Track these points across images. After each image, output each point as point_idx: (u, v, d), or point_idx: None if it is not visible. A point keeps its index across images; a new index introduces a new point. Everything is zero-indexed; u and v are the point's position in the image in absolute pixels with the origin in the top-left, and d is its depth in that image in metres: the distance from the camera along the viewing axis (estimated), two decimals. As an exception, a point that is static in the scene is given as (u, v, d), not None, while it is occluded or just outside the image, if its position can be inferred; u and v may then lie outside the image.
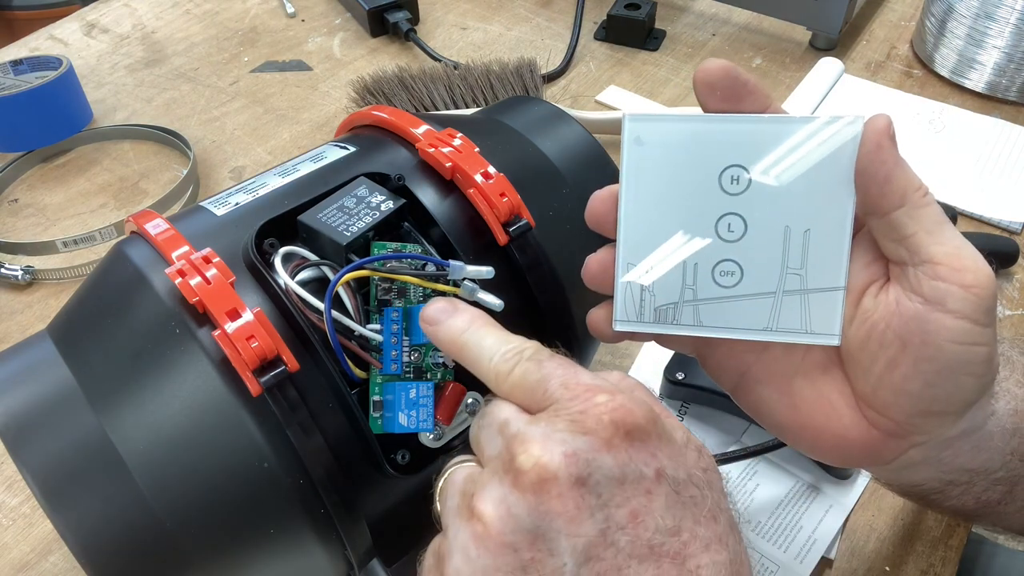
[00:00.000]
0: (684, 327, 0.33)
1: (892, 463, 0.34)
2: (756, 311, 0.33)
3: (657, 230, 0.33)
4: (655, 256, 0.33)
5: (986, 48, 0.76)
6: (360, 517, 0.36)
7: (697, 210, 0.32)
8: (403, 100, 0.76)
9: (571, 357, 0.30)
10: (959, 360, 0.30)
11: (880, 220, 0.30)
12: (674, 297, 0.33)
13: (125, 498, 0.33)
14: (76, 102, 0.75)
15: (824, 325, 0.32)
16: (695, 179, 0.32)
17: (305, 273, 0.37)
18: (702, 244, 0.32)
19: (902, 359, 0.30)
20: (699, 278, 0.33)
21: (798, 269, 0.32)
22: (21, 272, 0.63)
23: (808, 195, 0.31)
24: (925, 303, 0.29)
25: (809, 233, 0.32)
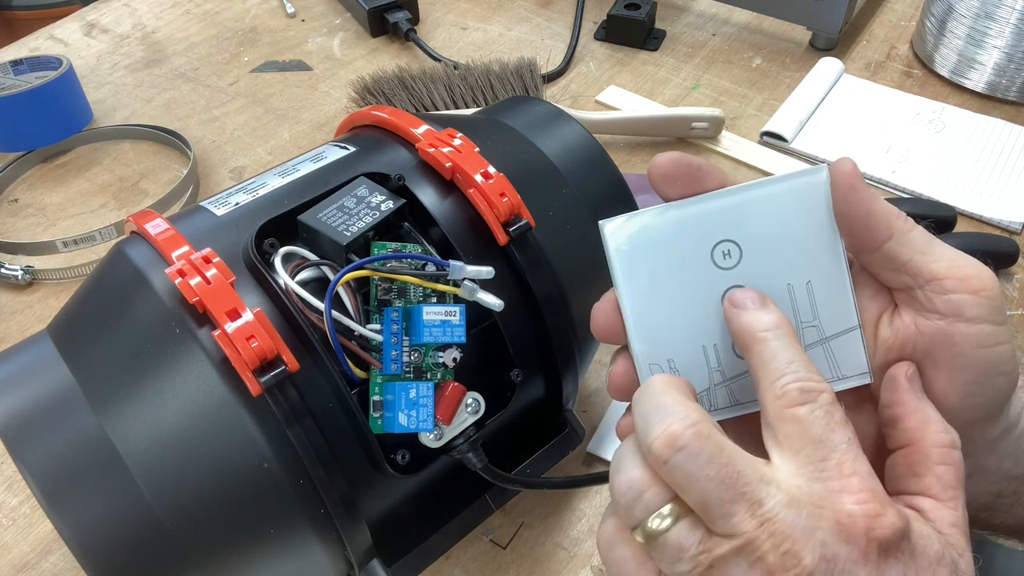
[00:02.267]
0: (723, 411, 0.33)
1: None
2: None
3: (667, 325, 0.33)
4: (674, 349, 0.33)
5: (986, 48, 0.76)
6: (360, 517, 0.36)
7: (699, 293, 0.33)
8: (403, 100, 0.76)
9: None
10: (989, 363, 0.30)
11: (874, 255, 0.31)
12: (705, 383, 0.33)
13: (125, 498, 0.33)
14: (76, 102, 0.75)
15: (852, 367, 0.32)
16: (689, 264, 0.33)
17: (305, 273, 0.37)
18: (715, 324, 0.33)
19: (936, 376, 0.31)
20: (723, 357, 0.33)
21: (812, 321, 0.32)
22: (21, 272, 0.63)
23: (798, 249, 0.32)
24: (943, 318, 0.30)
25: (811, 284, 0.32)
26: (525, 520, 0.50)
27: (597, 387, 0.56)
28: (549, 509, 0.50)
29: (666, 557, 0.28)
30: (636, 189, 0.47)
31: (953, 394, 0.31)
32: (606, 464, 0.52)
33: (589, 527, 0.50)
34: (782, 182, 0.32)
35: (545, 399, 0.43)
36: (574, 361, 0.42)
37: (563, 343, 0.41)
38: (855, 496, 0.27)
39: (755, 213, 0.32)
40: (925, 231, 0.31)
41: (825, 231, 0.32)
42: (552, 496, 0.51)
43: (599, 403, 0.55)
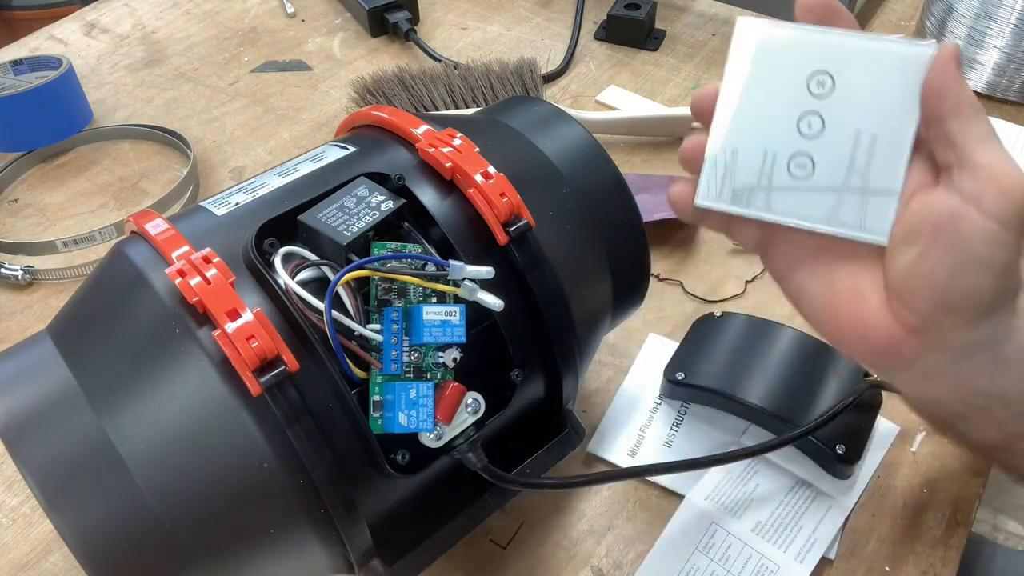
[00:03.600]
0: (755, 209, 0.37)
1: (912, 367, 0.37)
2: (820, 203, 0.37)
3: (748, 120, 0.37)
4: (741, 142, 0.37)
5: (986, 48, 0.76)
6: (360, 517, 0.36)
7: (784, 106, 0.37)
8: (403, 100, 0.76)
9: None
10: (982, 257, 0.33)
11: (936, 127, 0.34)
12: (752, 181, 0.37)
13: (125, 498, 0.33)
14: (76, 102, 0.75)
15: (877, 225, 0.36)
16: (787, 79, 0.37)
17: (305, 273, 0.37)
18: (784, 137, 0.37)
19: (933, 249, 0.34)
20: (776, 167, 0.37)
21: (862, 170, 0.36)
22: (21, 272, 0.63)
23: (881, 106, 0.35)
24: (962, 200, 0.33)
25: (876, 139, 0.36)
26: (525, 520, 0.50)
27: (597, 387, 0.56)
28: (549, 509, 0.50)
29: None
30: (636, 189, 0.47)
31: (941, 271, 0.34)
32: (606, 464, 0.52)
33: (589, 527, 0.50)
34: (896, 44, 0.35)
35: (545, 399, 0.43)
36: (574, 361, 0.42)
37: (563, 343, 0.41)
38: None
39: (862, 59, 0.36)
40: (991, 127, 0.34)
41: (909, 99, 0.35)
42: (552, 496, 0.51)
43: (599, 403, 0.55)
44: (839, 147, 0.36)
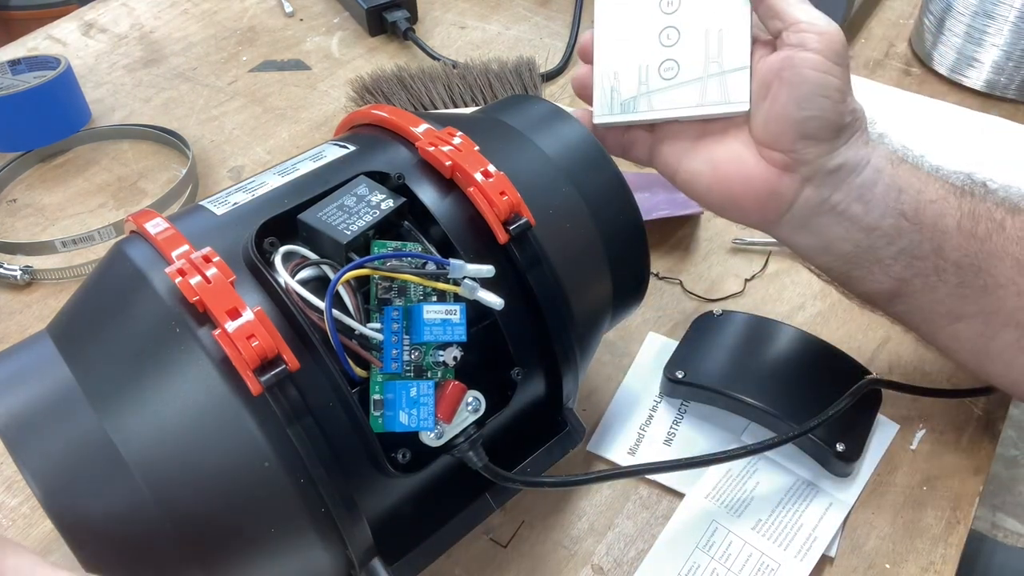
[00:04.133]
0: (642, 114, 0.47)
1: (796, 206, 0.45)
2: (691, 93, 0.46)
3: (619, 47, 0.47)
4: (619, 64, 0.47)
5: (985, 46, 0.76)
6: (361, 516, 0.36)
7: (645, 28, 0.47)
8: (402, 99, 0.76)
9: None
10: (816, 83, 0.42)
11: (762, 5, 0.44)
12: (634, 91, 0.47)
13: (126, 497, 0.33)
14: (74, 102, 0.75)
15: (738, 96, 0.45)
16: (642, 8, 0.47)
17: (305, 272, 0.37)
18: (650, 51, 0.47)
19: (780, 91, 0.43)
20: (649, 76, 0.47)
21: (716, 58, 0.46)
22: (20, 272, 0.63)
23: (719, 5, 0.46)
24: (792, 48, 0.43)
25: (722, 31, 0.46)
26: (525, 519, 0.50)
27: (597, 386, 0.56)
28: (549, 508, 0.50)
29: None
30: (636, 187, 0.47)
31: (789, 105, 0.43)
32: (606, 463, 0.52)
33: (589, 525, 0.50)
34: None
35: (545, 398, 0.43)
36: (574, 360, 0.42)
37: (563, 341, 0.41)
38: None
39: None
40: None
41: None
42: (552, 495, 0.51)
43: (599, 402, 0.55)
44: (695, 46, 0.46)
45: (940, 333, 0.47)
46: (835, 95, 0.43)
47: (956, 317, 0.45)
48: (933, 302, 0.45)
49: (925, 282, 0.45)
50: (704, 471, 0.51)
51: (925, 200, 0.44)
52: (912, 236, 0.44)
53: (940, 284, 0.44)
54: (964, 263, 0.44)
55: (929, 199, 0.44)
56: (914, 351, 0.57)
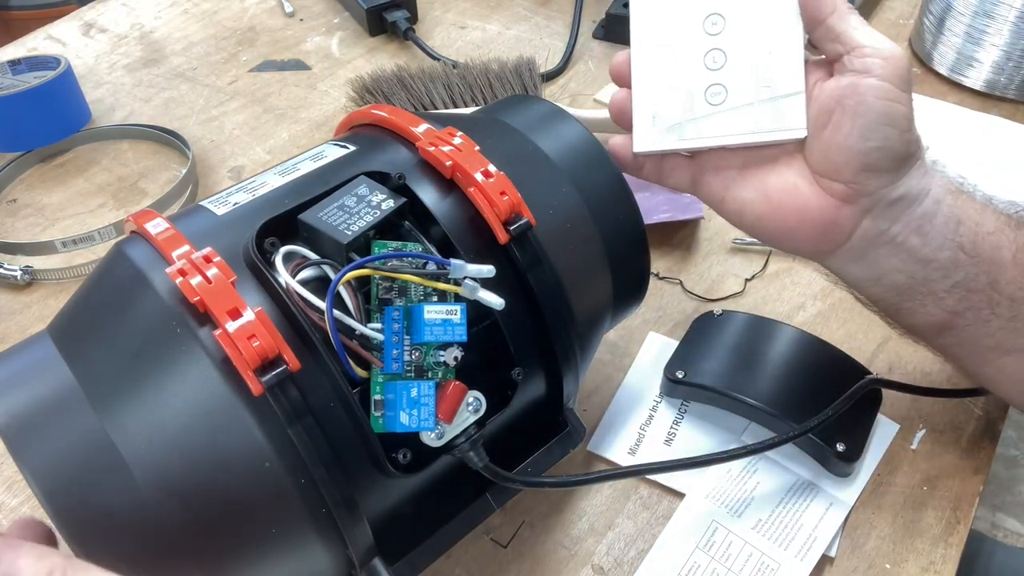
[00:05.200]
0: (688, 141, 0.44)
1: (853, 238, 0.43)
2: (741, 119, 0.43)
3: (660, 70, 0.44)
4: (661, 89, 0.44)
5: (984, 46, 0.76)
6: (361, 516, 0.36)
7: (688, 50, 0.44)
8: (402, 99, 0.76)
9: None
10: (882, 112, 0.40)
11: (820, 28, 0.42)
12: (678, 118, 0.44)
13: (126, 498, 0.33)
14: (74, 102, 0.75)
15: (793, 122, 0.42)
16: (685, 28, 0.44)
17: (306, 272, 0.37)
18: (695, 75, 0.44)
19: (843, 120, 0.41)
20: (695, 101, 0.44)
21: (768, 82, 0.43)
22: (20, 272, 0.63)
23: (768, 25, 0.43)
24: (856, 74, 0.40)
25: (772, 54, 0.43)
26: (526, 519, 0.50)
27: (597, 386, 0.56)
28: (550, 508, 0.50)
29: None
30: (636, 187, 0.47)
31: (853, 136, 0.41)
32: (607, 463, 0.52)
33: (590, 526, 0.50)
34: None
35: (546, 398, 0.43)
36: (575, 360, 0.42)
37: (564, 342, 0.41)
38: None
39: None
40: (860, 17, 0.41)
41: (790, 14, 0.42)
42: (553, 495, 0.51)
43: (600, 402, 0.55)
44: (743, 69, 0.43)
45: (986, 367, 0.45)
46: (902, 123, 0.40)
47: (1005, 351, 0.44)
48: (983, 335, 0.44)
49: (977, 315, 0.43)
50: (704, 471, 0.51)
51: (983, 232, 0.42)
52: (968, 269, 0.42)
53: (993, 318, 0.43)
54: (1018, 296, 0.43)
55: (987, 231, 0.43)
56: (914, 351, 0.57)
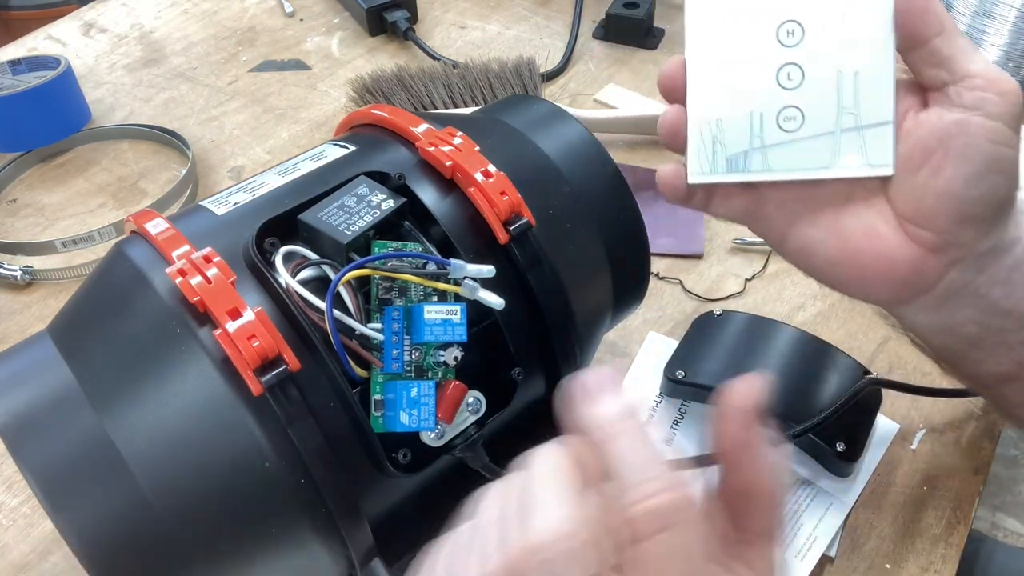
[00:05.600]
0: (755, 173, 0.37)
1: (935, 288, 0.37)
2: (819, 151, 0.36)
3: (724, 86, 0.37)
4: (724, 109, 0.37)
5: (984, 46, 0.76)
6: (361, 516, 0.36)
7: (758, 64, 0.36)
8: (402, 99, 0.76)
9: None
10: (994, 158, 0.34)
11: (921, 49, 0.35)
12: (744, 145, 0.37)
13: (126, 498, 0.33)
14: (74, 102, 0.75)
15: (879, 157, 0.36)
16: (755, 36, 0.36)
17: (306, 272, 0.37)
18: (766, 94, 0.36)
19: (945, 163, 0.34)
20: (765, 125, 0.36)
21: (852, 109, 0.36)
22: (20, 272, 0.63)
23: (855, 41, 0.36)
24: (966, 110, 0.34)
25: (859, 75, 0.36)
26: (526, 519, 0.50)
27: (597, 386, 0.56)
28: (550, 508, 0.50)
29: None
30: (636, 188, 0.47)
31: (956, 182, 0.34)
32: (606, 463, 0.52)
33: (590, 526, 0.50)
34: None
35: (546, 397, 0.43)
36: (575, 359, 0.42)
37: (564, 341, 0.41)
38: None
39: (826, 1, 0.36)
40: (969, 40, 0.35)
41: (883, 29, 0.35)
42: (553, 495, 0.51)
43: (599, 402, 0.55)
44: (824, 91, 0.36)
45: None
46: (1011, 170, 0.35)
47: None
48: None
49: None
50: (704, 471, 0.51)
51: None
52: None
53: None
54: None
55: None
56: (914, 351, 0.57)
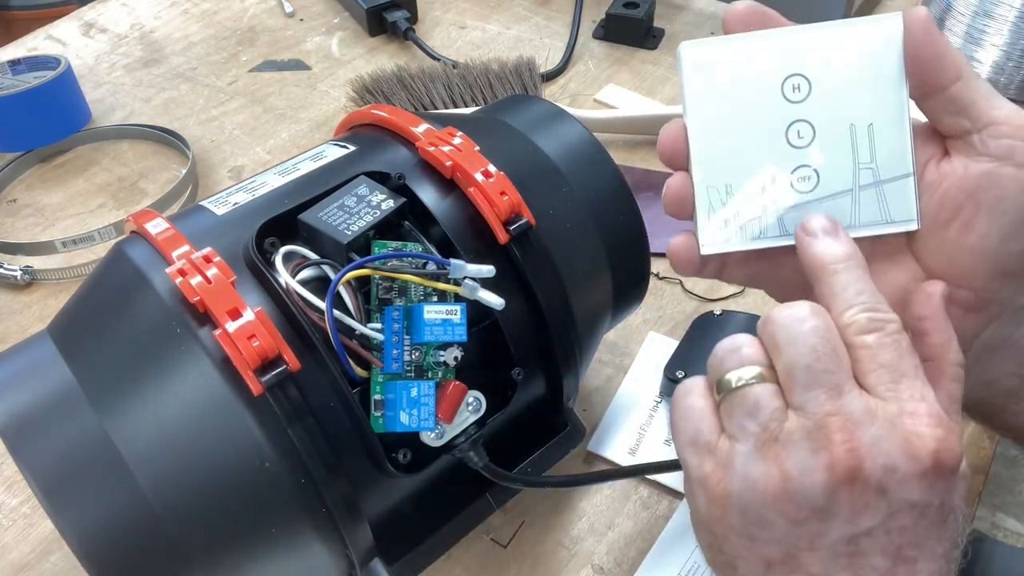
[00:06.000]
0: (771, 239, 0.35)
1: (972, 347, 0.35)
2: (837, 211, 0.34)
3: (730, 150, 0.34)
4: (732, 174, 0.34)
5: (984, 46, 0.76)
6: (361, 516, 0.36)
7: (765, 123, 0.34)
8: (402, 99, 0.76)
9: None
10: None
11: (938, 97, 0.33)
12: (757, 211, 0.34)
13: (126, 498, 0.33)
14: (74, 102, 0.75)
15: (902, 212, 0.34)
16: (759, 94, 0.34)
17: (306, 272, 0.37)
18: (776, 155, 0.34)
19: (977, 219, 0.32)
20: (778, 188, 0.34)
21: (869, 163, 0.34)
22: (20, 272, 0.63)
23: (866, 91, 0.33)
24: (993, 160, 0.32)
25: (872, 127, 0.34)
26: (526, 519, 0.50)
27: (598, 386, 0.56)
28: (550, 508, 0.50)
29: (738, 412, 0.30)
30: (635, 187, 0.47)
31: (991, 238, 0.32)
32: (607, 462, 0.52)
33: (590, 525, 0.50)
34: (859, 24, 0.33)
35: (546, 398, 0.43)
36: (575, 360, 0.42)
37: (564, 341, 0.41)
38: (925, 419, 0.29)
39: (830, 51, 0.33)
40: (988, 84, 0.33)
41: (893, 77, 0.33)
42: (553, 495, 0.51)
43: (600, 402, 0.55)
44: (837, 147, 0.34)
45: None
46: None
47: None
48: None
49: None
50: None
51: None
52: None
53: None
54: None
55: None
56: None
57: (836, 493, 0.28)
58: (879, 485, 0.28)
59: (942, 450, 0.28)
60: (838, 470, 0.28)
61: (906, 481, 0.28)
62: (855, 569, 0.29)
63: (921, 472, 0.28)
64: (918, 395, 0.29)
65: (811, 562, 0.29)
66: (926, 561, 0.29)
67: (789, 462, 0.29)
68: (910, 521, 0.29)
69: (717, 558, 0.32)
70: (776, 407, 0.30)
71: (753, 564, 0.30)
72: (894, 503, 0.29)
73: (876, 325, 0.30)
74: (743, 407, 0.30)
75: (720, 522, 0.30)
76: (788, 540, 0.29)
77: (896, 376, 0.29)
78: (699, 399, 0.32)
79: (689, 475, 0.32)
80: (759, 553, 0.30)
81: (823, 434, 0.28)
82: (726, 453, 0.30)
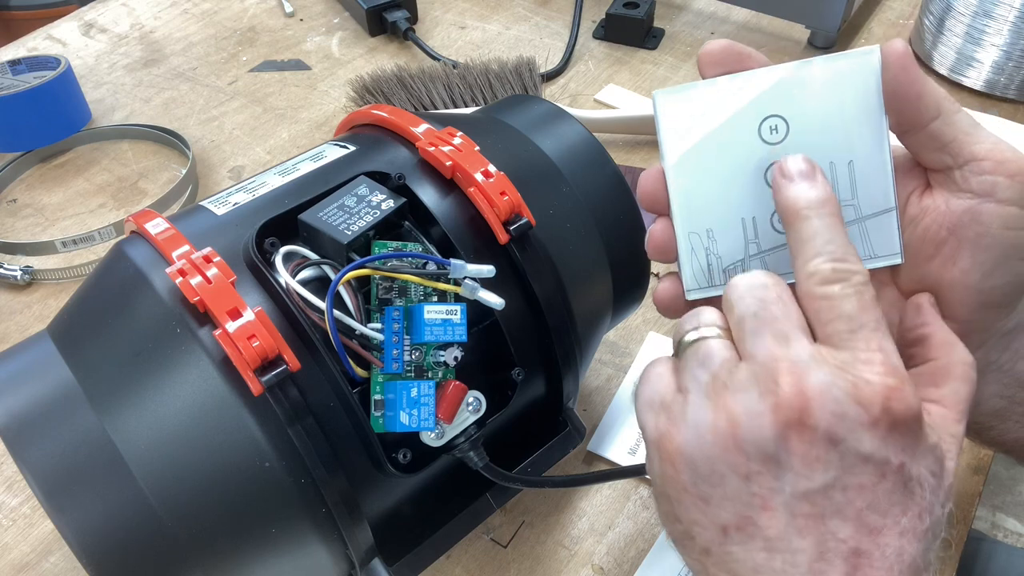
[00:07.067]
0: None
1: None
2: None
3: (709, 195, 0.34)
4: (713, 218, 0.34)
5: (984, 46, 0.76)
6: (361, 516, 0.36)
7: (743, 166, 0.34)
8: (402, 99, 0.76)
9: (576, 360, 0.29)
10: (1012, 245, 0.32)
11: (919, 133, 0.32)
12: (739, 253, 0.34)
13: (126, 498, 0.33)
14: (74, 102, 0.75)
15: (885, 247, 0.34)
16: (736, 138, 0.34)
17: (306, 272, 0.37)
18: (756, 196, 0.34)
19: (959, 254, 0.33)
20: (760, 230, 0.34)
21: (850, 200, 0.34)
22: (20, 272, 0.63)
23: (845, 129, 0.33)
24: (975, 196, 0.32)
25: (853, 164, 0.33)
26: (526, 519, 0.50)
27: (597, 386, 0.56)
28: (550, 508, 0.50)
29: (691, 363, 0.30)
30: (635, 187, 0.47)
31: (973, 273, 0.32)
32: (607, 462, 0.52)
33: (590, 525, 0.50)
34: (835, 60, 0.33)
35: (546, 398, 0.43)
36: (575, 360, 0.42)
37: (564, 342, 0.41)
38: (878, 368, 0.28)
39: (806, 90, 0.33)
40: (969, 115, 0.32)
41: (872, 112, 0.33)
42: (553, 495, 0.51)
43: (599, 402, 0.55)
44: None
45: None
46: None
47: None
48: None
49: None
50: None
51: None
52: None
53: None
54: None
55: None
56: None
57: (785, 439, 0.28)
58: (828, 432, 0.27)
59: (893, 398, 0.27)
60: (785, 412, 0.27)
61: (855, 429, 0.27)
62: (817, 535, 0.28)
63: (871, 420, 0.27)
64: (875, 346, 0.28)
65: (768, 524, 0.28)
66: (893, 535, 0.28)
67: (738, 407, 0.28)
68: (868, 480, 0.28)
69: (675, 528, 0.31)
70: (727, 357, 0.30)
71: (709, 531, 0.29)
72: (846, 455, 0.28)
73: (840, 276, 0.29)
74: (695, 358, 0.30)
75: (674, 482, 0.30)
76: (741, 498, 0.29)
77: (854, 327, 0.29)
78: (661, 366, 0.32)
79: (647, 438, 0.31)
80: (714, 518, 0.29)
81: (770, 377, 0.28)
82: (680, 407, 0.30)
